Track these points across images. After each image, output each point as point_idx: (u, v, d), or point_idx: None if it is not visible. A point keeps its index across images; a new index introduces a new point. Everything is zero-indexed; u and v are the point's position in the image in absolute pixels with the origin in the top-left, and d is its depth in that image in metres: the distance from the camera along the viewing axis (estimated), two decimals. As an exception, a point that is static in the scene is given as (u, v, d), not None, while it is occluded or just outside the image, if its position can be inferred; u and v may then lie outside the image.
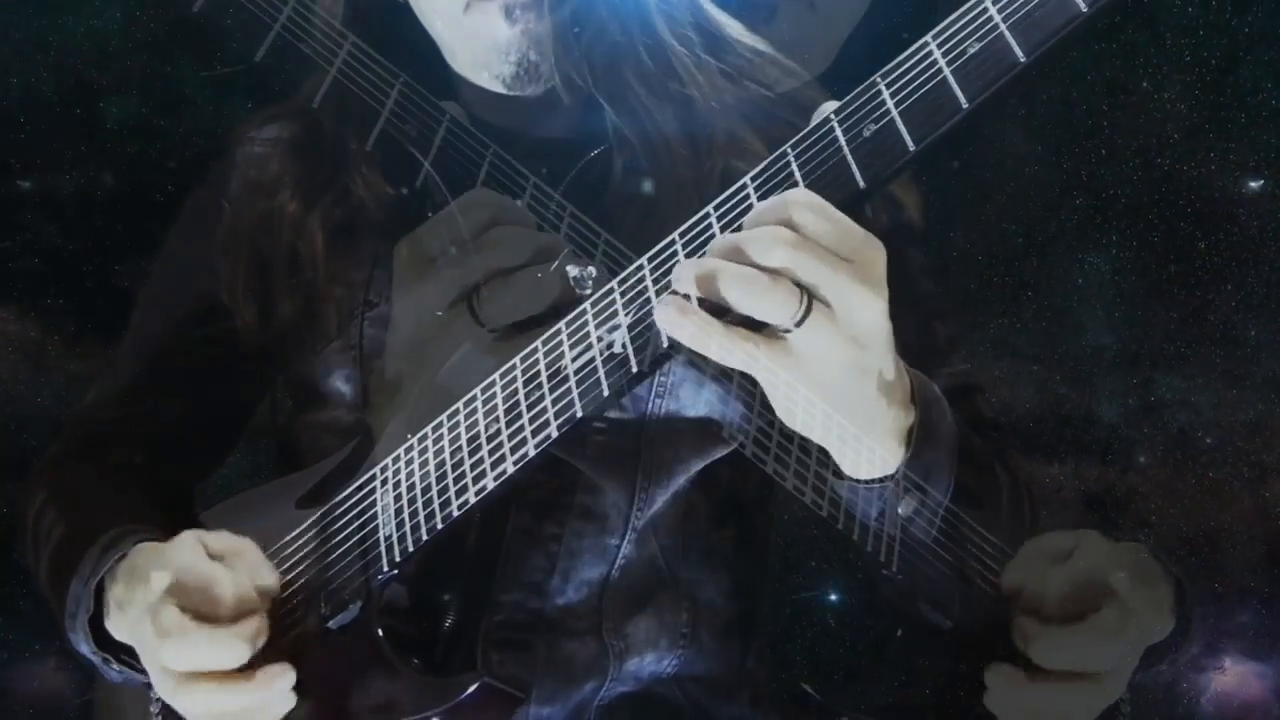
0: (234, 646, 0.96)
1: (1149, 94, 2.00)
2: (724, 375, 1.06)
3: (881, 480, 0.93)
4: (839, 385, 0.84)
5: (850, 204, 0.81)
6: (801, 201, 0.80)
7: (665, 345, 0.86)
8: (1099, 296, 2.14)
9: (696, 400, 1.13)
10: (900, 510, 0.92)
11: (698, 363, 1.06)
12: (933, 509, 0.94)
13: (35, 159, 1.80)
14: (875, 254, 0.82)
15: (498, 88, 1.14)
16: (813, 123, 0.86)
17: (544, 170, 1.12)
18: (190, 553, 1.00)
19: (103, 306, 1.79)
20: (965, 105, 0.77)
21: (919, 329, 1.16)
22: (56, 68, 1.77)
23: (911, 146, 0.79)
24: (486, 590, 1.14)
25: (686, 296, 0.82)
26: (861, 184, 0.81)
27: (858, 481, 0.94)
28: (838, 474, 0.97)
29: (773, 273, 0.80)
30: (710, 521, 0.97)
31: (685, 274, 0.83)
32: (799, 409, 0.86)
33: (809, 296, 0.81)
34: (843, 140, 0.81)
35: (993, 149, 2.05)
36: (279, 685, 0.98)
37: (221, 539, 1.03)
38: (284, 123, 1.26)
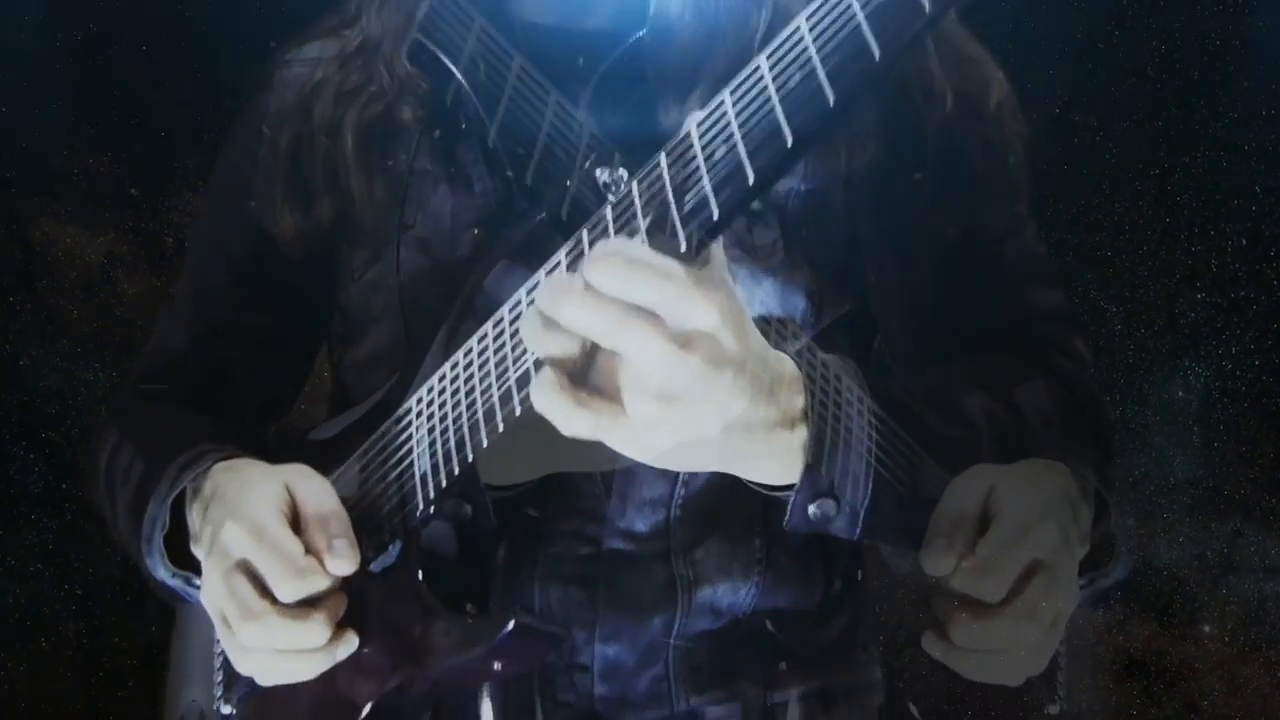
0: (317, 631, 1.02)
1: (1314, 177, 1.65)
2: (777, 270, 1.12)
3: (786, 488, 0.95)
4: (663, 438, 0.86)
5: (869, 76, 0.82)
6: (597, 254, 0.83)
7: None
8: (1197, 419, 1.83)
9: (751, 298, 1.13)
10: (811, 514, 0.94)
11: (745, 252, 1.13)
12: (853, 506, 0.95)
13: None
14: (689, 301, 0.82)
15: None
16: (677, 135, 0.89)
17: (580, 60, 1.16)
18: (270, 510, 1.04)
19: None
20: None
21: (972, 210, 1.18)
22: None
23: (928, 9, 0.78)
24: (540, 523, 1.16)
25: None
26: (877, 54, 0.80)
27: (763, 487, 0.96)
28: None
29: (552, 323, 0.84)
30: None
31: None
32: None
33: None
34: (857, 6, 0.82)
35: (1106, 210, 1.72)
36: (342, 653, 1.05)
37: (315, 500, 1.06)
38: (323, 40, 1.30)
